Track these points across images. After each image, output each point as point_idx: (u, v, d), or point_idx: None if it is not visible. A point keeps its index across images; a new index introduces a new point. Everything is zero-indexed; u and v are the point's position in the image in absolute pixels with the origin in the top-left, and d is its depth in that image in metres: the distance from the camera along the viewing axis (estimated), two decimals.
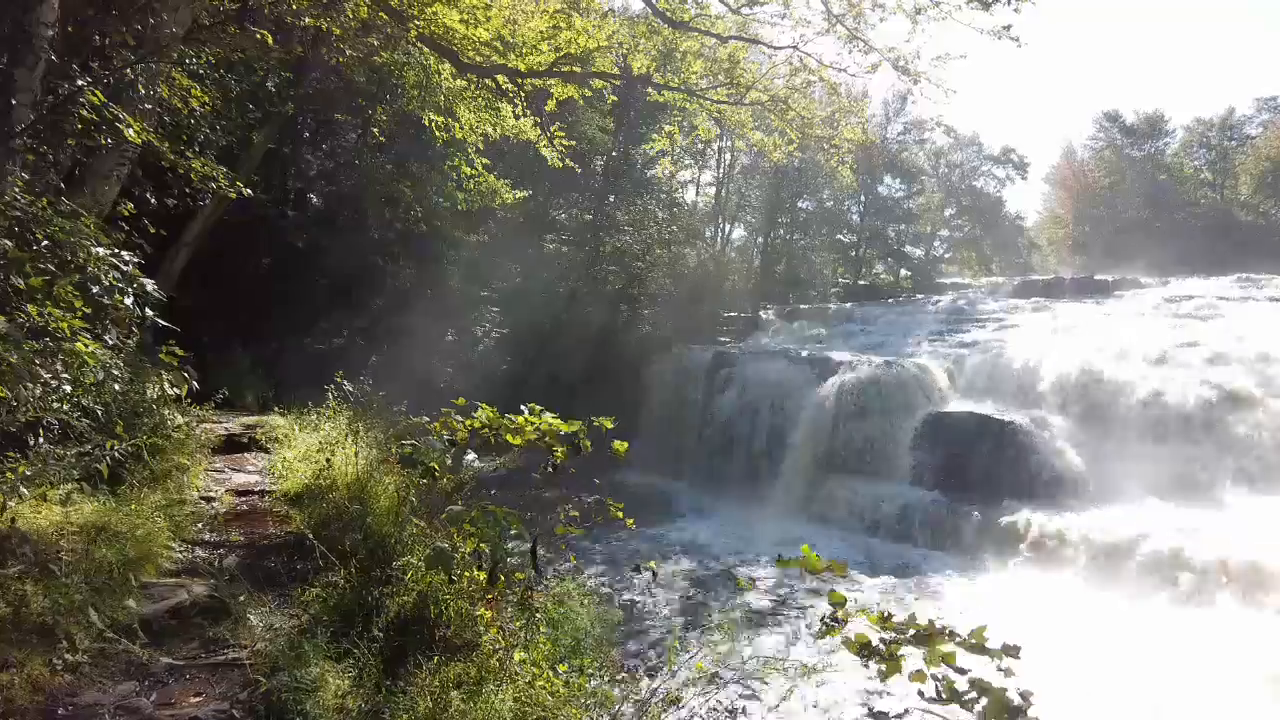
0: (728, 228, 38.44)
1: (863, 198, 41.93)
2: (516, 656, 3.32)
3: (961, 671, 2.10)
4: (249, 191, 9.28)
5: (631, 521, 3.83)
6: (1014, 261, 53.76)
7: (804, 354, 22.61)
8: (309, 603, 3.69)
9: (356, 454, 5.73)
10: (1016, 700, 2.02)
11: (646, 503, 17.80)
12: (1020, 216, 55.56)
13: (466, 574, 3.57)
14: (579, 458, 4.11)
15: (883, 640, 2.18)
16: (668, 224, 28.34)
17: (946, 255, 50.12)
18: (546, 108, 12.30)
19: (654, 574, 3.95)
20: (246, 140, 13.47)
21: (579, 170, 14.99)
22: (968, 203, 49.66)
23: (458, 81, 12.20)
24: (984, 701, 2.02)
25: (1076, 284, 31.46)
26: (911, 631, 2.14)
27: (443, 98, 13.10)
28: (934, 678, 2.11)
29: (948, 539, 15.52)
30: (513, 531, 3.72)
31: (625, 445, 3.82)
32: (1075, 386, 17.84)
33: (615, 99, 18.02)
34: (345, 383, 7.16)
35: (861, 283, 40.79)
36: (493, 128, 12.68)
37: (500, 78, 11.37)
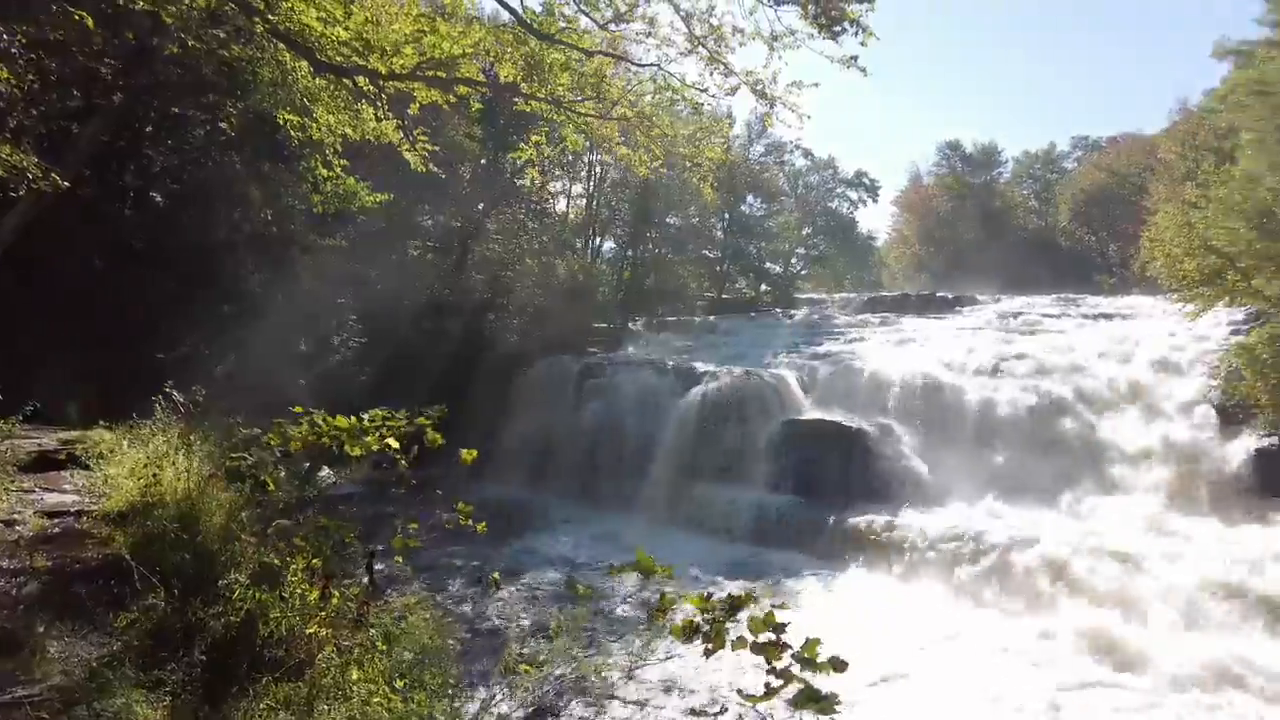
0: (598, 240, 38.75)
1: (726, 215, 43.28)
2: (352, 675, 3.21)
3: (780, 630, 2.20)
4: (65, 184, 8.50)
5: (483, 527, 3.78)
6: (865, 278, 57.15)
7: (670, 364, 23.09)
8: (122, 629, 3.42)
9: (188, 469, 5.36)
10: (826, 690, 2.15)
11: (512, 515, 17.57)
12: (871, 236, 59.05)
13: (299, 590, 3.43)
14: (439, 470, 4.04)
15: (704, 619, 2.28)
16: (537, 234, 28.23)
17: (804, 272, 52.47)
18: (410, 111, 12.00)
19: (497, 585, 3.91)
20: (69, 131, 12.35)
21: (444, 176, 14.70)
22: (823, 222, 52.24)
23: (315, 81, 11.69)
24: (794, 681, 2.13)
25: (921, 300, 33.84)
26: (727, 606, 2.25)
27: (299, 96, 12.51)
28: (756, 643, 2.20)
29: (804, 541, 16.21)
30: (349, 546, 3.60)
31: (474, 453, 3.77)
32: (918, 395, 19.15)
33: (482, 106, 17.79)
34: (175, 392, 6.68)
35: (725, 297, 42.06)
36: (352, 129, 12.23)
37: (361, 79, 10.99)
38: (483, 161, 26.53)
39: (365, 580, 3.69)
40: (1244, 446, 15.57)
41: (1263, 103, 18.20)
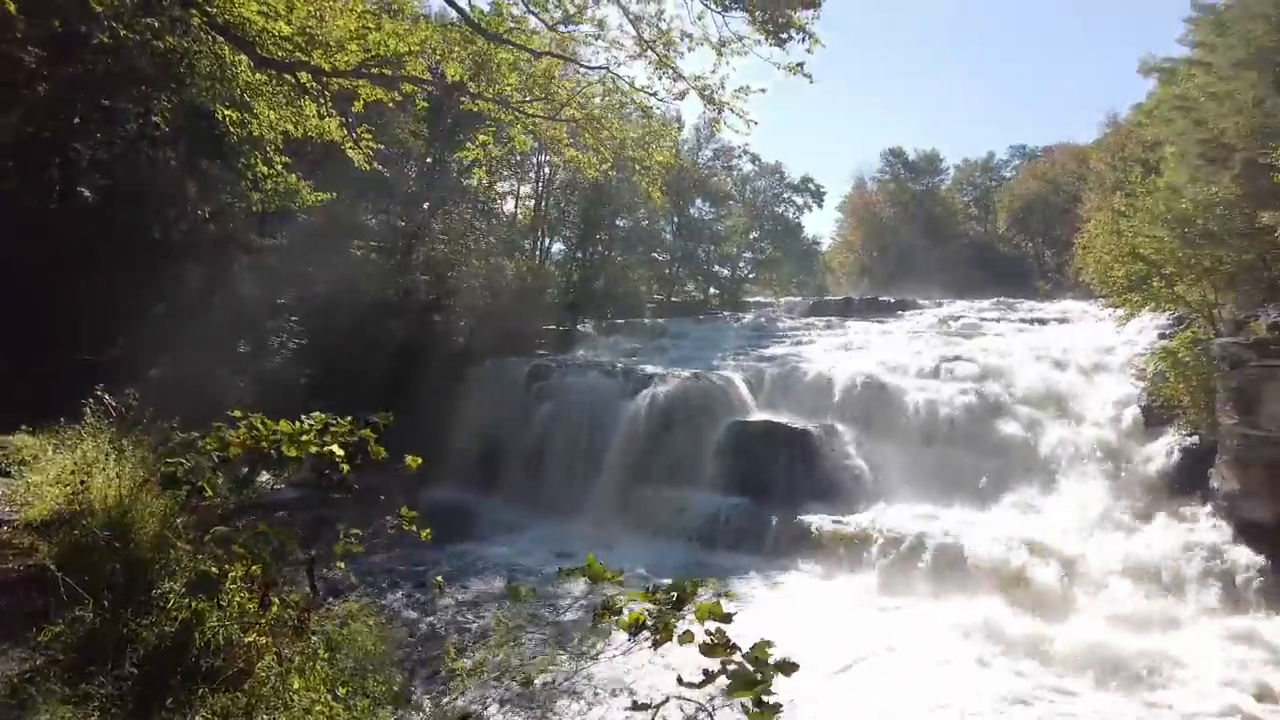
0: (547, 241, 38.57)
1: (675, 218, 43.56)
2: (294, 683, 3.14)
3: (726, 619, 2.22)
4: None
5: (426, 534, 3.73)
6: (811, 282, 58.03)
7: (619, 367, 23.12)
8: (47, 643, 3.27)
9: (120, 475, 5.17)
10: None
11: (458, 519, 17.37)
12: (817, 241, 60.03)
13: (237, 598, 3.33)
14: (383, 476, 3.97)
15: (650, 612, 2.30)
16: (485, 234, 27.96)
17: (751, 275, 53.04)
18: (354, 108, 11.78)
19: (441, 589, 3.87)
20: None
21: (389, 175, 14.48)
22: (770, 227, 52.91)
23: (256, 75, 11.38)
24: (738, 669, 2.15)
25: (864, 304, 34.55)
26: (673, 597, 2.27)
27: (239, 91, 12.16)
28: (706, 633, 2.21)
29: (750, 542, 16.41)
30: (289, 552, 3.52)
31: (419, 460, 3.72)
32: (861, 397, 19.54)
33: (428, 104, 17.56)
34: (106, 396, 6.44)
35: (674, 299, 42.29)
36: (294, 126, 11.94)
37: (303, 75, 10.75)
38: (429, 160, 26.17)
39: (306, 587, 3.61)
40: (1167, 445, 16.27)
41: (1184, 118, 19.08)
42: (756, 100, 10.93)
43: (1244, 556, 13.01)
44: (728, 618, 2.16)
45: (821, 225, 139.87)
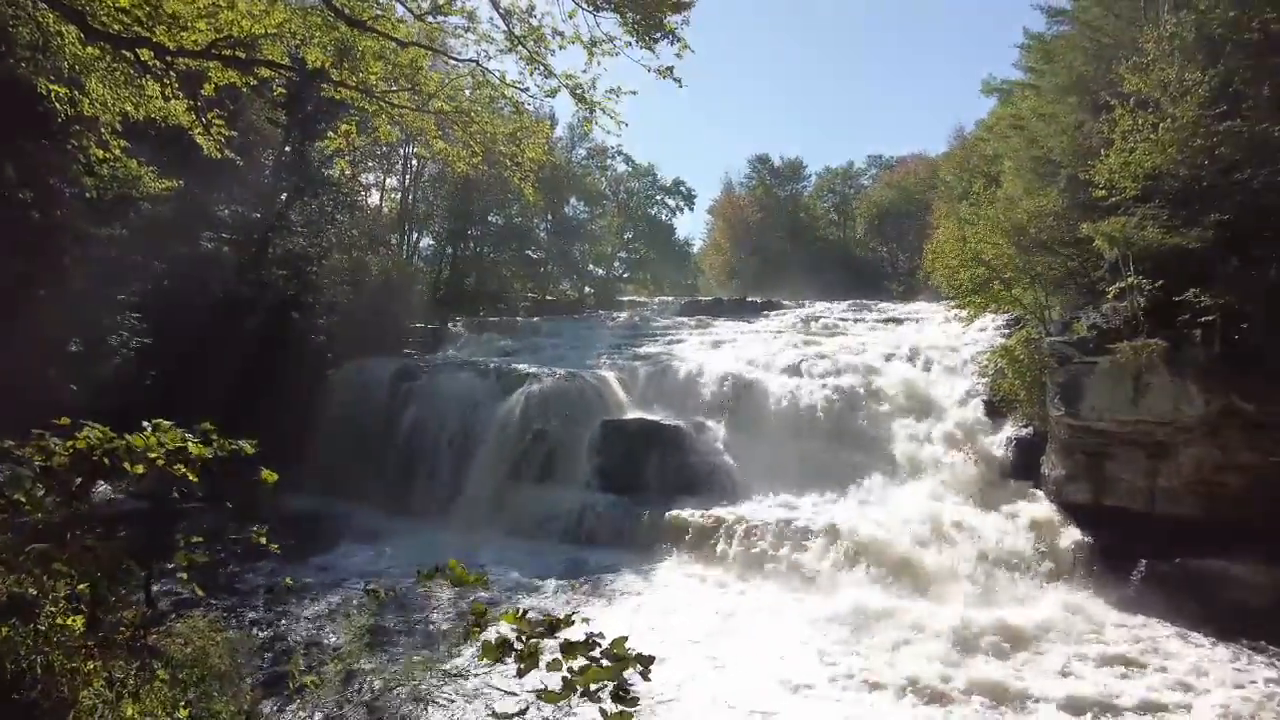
0: (415, 236, 37.44)
1: (550, 216, 43.35)
2: (126, 710, 2.90)
3: (595, 648, 2.22)
4: None
5: (276, 547, 3.53)
6: (682, 283, 59.20)
7: (491, 366, 22.76)
8: None
9: None
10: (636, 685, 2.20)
11: (322, 529, 16.60)
12: (689, 243, 61.42)
13: (60, 621, 3.04)
14: (237, 485, 3.74)
15: (520, 637, 2.27)
16: (348, 227, 26.77)
17: (625, 275, 53.60)
18: (204, 91, 10.99)
19: (290, 589, 3.68)
20: None
21: (241, 163, 13.64)
22: (643, 228, 53.65)
23: (88, 49, 10.41)
24: (608, 688, 2.17)
25: (733, 305, 35.68)
26: (545, 626, 2.26)
27: (67, 65, 11.08)
28: (569, 669, 2.22)
29: (624, 539, 16.56)
30: (123, 567, 3.25)
31: (274, 476, 3.51)
32: (729, 393, 20.15)
33: (285, 91, 16.64)
34: None
35: (549, 298, 42.08)
36: (135, 107, 10.97)
37: (144, 52, 9.91)
38: (287, 149, 24.77)
39: (143, 603, 3.34)
40: (1005, 436, 17.68)
41: (1019, 135, 20.84)
42: (628, 102, 11.02)
43: (1072, 536, 14.34)
44: (599, 647, 2.16)
45: (693, 228, 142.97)
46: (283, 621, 9.78)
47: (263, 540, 3.52)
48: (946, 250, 20.26)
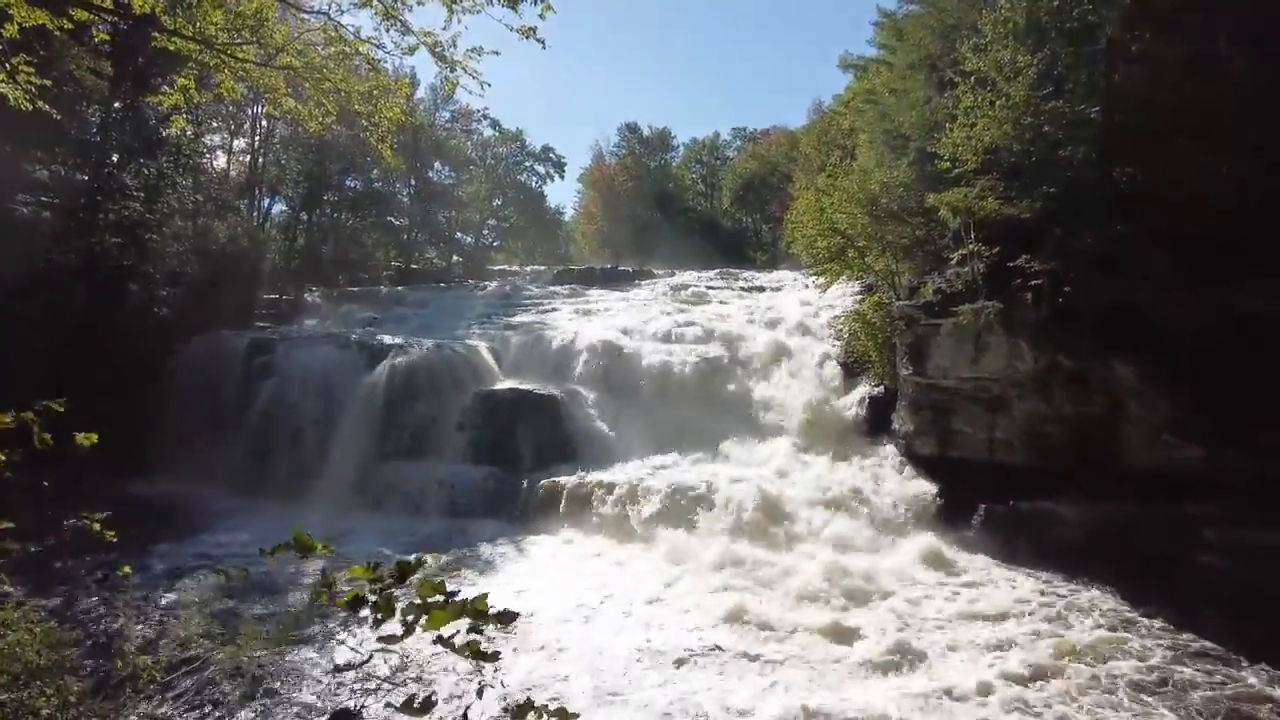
0: (267, 202, 35.12)
1: (413, 181, 41.76)
2: None
3: (445, 593, 2.17)
4: None
5: (111, 535, 3.24)
6: (555, 252, 58.83)
7: (353, 338, 21.84)
8: None
9: None
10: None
11: (172, 514, 15.48)
12: (560, 211, 60.90)
13: None
14: (63, 470, 3.38)
15: (371, 590, 2.20)
16: (191, 192, 24.76)
17: (495, 244, 52.60)
18: (4, 33, 9.79)
19: (128, 576, 3.42)
20: None
21: (60, 119, 12.29)
22: (513, 195, 52.69)
23: None
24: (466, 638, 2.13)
25: (605, 274, 35.77)
26: (395, 573, 2.19)
27: None
28: (412, 612, 2.15)
29: (499, 509, 16.40)
30: None
31: (94, 437, 3.19)
32: (602, 361, 20.27)
33: (109, 37, 15.06)
34: None
35: (414, 267, 40.65)
36: None
37: None
38: (116, 105, 22.51)
39: None
40: (859, 396, 18.73)
41: (873, 109, 21.82)
42: (494, 64, 10.71)
43: (920, 486, 15.41)
44: (448, 594, 2.12)
45: (565, 196, 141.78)
46: (121, 612, 9.03)
47: (96, 526, 3.22)
48: (805, 220, 21.02)
